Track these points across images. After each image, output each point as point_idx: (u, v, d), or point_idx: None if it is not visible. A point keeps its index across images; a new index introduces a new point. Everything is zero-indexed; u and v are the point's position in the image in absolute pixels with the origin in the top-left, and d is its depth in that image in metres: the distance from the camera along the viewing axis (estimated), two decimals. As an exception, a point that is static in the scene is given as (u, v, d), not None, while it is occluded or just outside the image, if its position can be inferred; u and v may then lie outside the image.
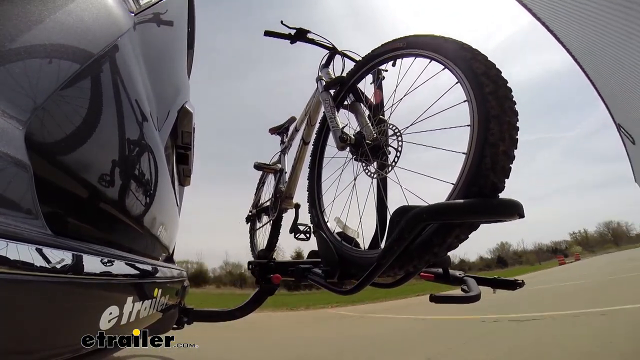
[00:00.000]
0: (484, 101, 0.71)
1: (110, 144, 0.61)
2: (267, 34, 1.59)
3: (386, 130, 1.06)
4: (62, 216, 0.52)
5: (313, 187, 1.41)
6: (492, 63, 0.76)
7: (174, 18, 1.04)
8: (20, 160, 0.36)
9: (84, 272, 0.43)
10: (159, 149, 0.89)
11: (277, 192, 1.86)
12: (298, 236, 1.73)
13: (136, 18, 0.70)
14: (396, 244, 0.74)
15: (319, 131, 1.48)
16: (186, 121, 1.31)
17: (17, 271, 0.31)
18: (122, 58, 0.62)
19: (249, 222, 2.40)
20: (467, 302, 0.94)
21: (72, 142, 0.49)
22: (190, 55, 1.56)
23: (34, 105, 0.40)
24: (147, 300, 0.70)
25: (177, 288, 1.14)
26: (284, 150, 2.10)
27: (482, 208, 0.66)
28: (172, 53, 1.10)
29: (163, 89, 0.99)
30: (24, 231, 0.34)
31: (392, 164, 1.02)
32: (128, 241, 0.79)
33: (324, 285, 1.12)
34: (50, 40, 0.44)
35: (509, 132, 0.68)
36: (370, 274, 0.83)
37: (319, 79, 1.45)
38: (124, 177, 0.68)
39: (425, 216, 0.68)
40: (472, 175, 0.69)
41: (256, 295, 1.68)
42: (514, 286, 1.19)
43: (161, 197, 0.95)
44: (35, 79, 0.41)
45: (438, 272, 1.31)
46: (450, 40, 0.86)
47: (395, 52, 1.06)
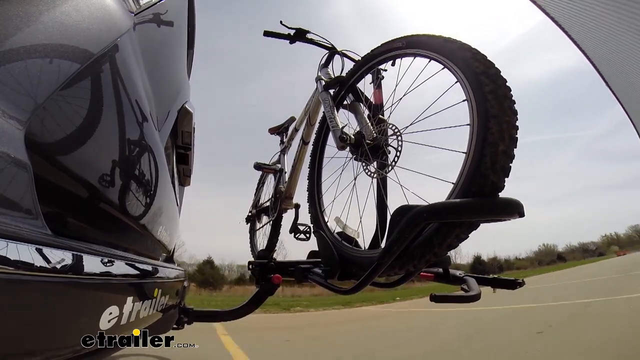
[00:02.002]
0: (483, 100, 0.71)
1: (110, 144, 0.61)
2: (267, 34, 1.59)
3: (386, 130, 1.06)
4: (62, 216, 0.52)
5: (313, 187, 1.41)
6: (491, 62, 0.76)
7: (174, 18, 1.04)
8: (20, 160, 0.36)
9: (84, 272, 0.43)
10: (159, 149, 0.89)
11: (277, 192, 1.86)
12: (298, 236, 1.73)
13: (136, 18, 0.70)
14: (396, 243, 0.74)
15: (319, 131, 1.48)
16: (186, 121, 1.31)
17: (17, 271, 0.31)
18: (122, 58, 0.62)
19: (249, 223, 2.40)
20: (468, 301, 0.94)
21: (72, 142, 0.49)
22: (190, 55, 1.56)
23: (34, 105, 0.40)
24: (147, 300, 0.69)
25: (177, 288, 1.13)
26: (284, 150, 2.10)
27: (482, 207, 0.66)
28: (172, 53, 1.10)
29: (163, 88, 0.99)
30: (24, 231, 0.34)
31: (392, 164, 1.02)
32: (128, 241, 0.79)
33: (324, 285, 1.12)
34: (50, 40, 0.44)
35: (508, 131, 0.68)
36: (370, 273, 0.83)
37: (319, 78, 1.45)
38: (124, 177, 0.68)
39: (425, 215, 0.68)
40: (472, 175, 0.69)
41: (256, 295, 1.68)
42: (514, 285, 1.19)
43: (161, 197, 0.95)
44: (35, 79, 0.41)
45: (438, 271, 1.31)
46: (449, 40, 0.86)
47: (394, 52, 1.06)
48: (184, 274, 1.29)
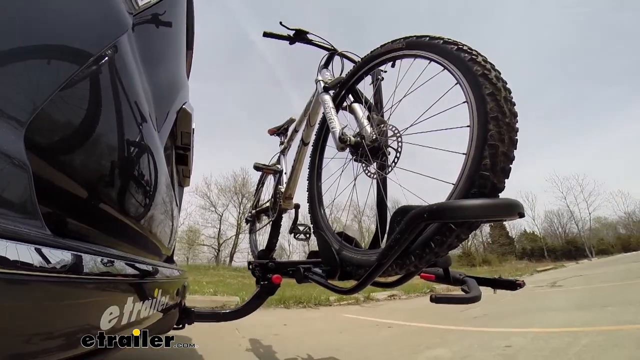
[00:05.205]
0: (483, 102, 0.71)
1: (109, 144, 0.61)
2: (266, 35, 1.59)
3: (386, 131, 1.06)
4: (61, 216, 0.52)
5: (313, 188, 1.41)
6: (492, 64, 0.76)
7: (173, 19, 1.04)
8: (20, 161, 0.36)
9: (84, 272, 0.43)
10: (158, 150, 0.89)
11: (277, 193, 1.86)
12: (298, 236, 1.73)
13: (135, 19, 0.70)
14: (397, 243, 0.74)
15: (319, 132, 1.48)
16: (185, 122, 1.31)
17: (16, 271, 0.31)
18: (121, 58, 0.62)
19: (249, 223, 2.40)
20: (468, 302, 0.94)
21: (71, 142, 0.49)
22: (190, 55, 1.56)
23: (34, 105, 0.40)
24: (147, 301, 0.69)
25: (178, 288, 1.13)
26: (284, 151, 2.10)
27: (482, 208, 0.66)
28: (171, 53, 1.10)
29: (162, 89, 0.99)
30: (23, 231, 0.34)
31: (392, 165, 1.02)
32: (128, 241, 0.79)
33: (325, 285, 1.12)
34: (50, 41, 0.44)
35: (508, 133, 0.68)
36: (370, 273, 0.83)
37: (318, 80, 1.45)
38: (124, 178, 0.68)
39: (425, 216, 0.68)
40: (472, 176, 0.70)
41: (256, 295, 1.68)
42: (514, 286, 1.19)
43: (161, 197, 0.95)
44: (35, 79, 0.41)
45: (438, 272, 1.30)
46: (449, 42, 0.86)
47: (394, 53, 1.06)
48: (184, 274, 1.29)
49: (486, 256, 28.29)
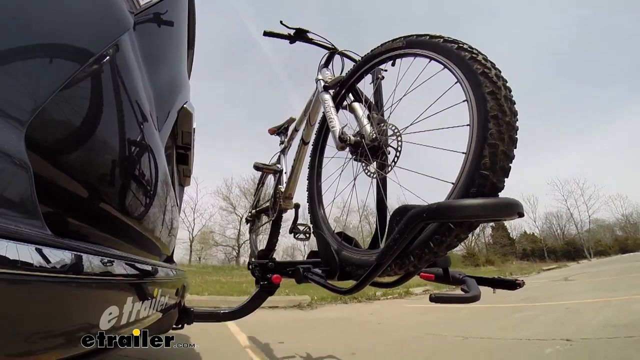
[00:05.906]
0: (483, 101, 0.71)
1: (110, 144, 0.61)
2: (266, 34, 1.59)
3: (386, 130, 1.06)
4: (61, 216, 0.52)
5: (313, 187, 1.41)
6: (492, 62, 0.76)
7: (174, 18, 1.04)
8: (20, 160, 0.36)
9: (84, 272, 0.43)
10: (159, 149, 0.89)
11: (277, 193, 1.86)
12: (298, 236, 1.73)
13: (136, 18, 0.70)
14: (396, 243, 0.74)
15: (319, 131, 1.48)
16: (186, 121, 1.31)
17: (17, 271, 0.31)
18: (122, 58, 0.62)
19: (249, 223, 2.40)
20: (467, 302, 0.94)
21: (72, 142, 0.49)
22: (191, 55, 1.56)
23: (34, 105, 0.40)
24: (147, 300, 0.69)
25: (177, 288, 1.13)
26: (284, 150, 2.10)
27: (482, 207, 0.66)
28: (172, 53, 1.10)
29: (163, 89, 0.99)
30: (24, 231, 0.34)
31: (391, 164, 1.02)
32: (128, 241, 0.79)
33: (324, 285, 1.12)
34: (50, 40, 0.44)
35: (508, 132, 0.68)
36: (370, 273, 0.83)
37: (318, 79, 1.45)
38: (124, 177, 0.68)
39: (425, 216, 0.68)
40: (472, 175, 0.70)
41: (256, 295, 1.68)
42: (514, 286, 1.19)
43: (161, 197, 0.95)
44: (35, 79, 0.41)
45: (438, 272, 1.30)
46: (449, 40, 0.86)
47: (394, 52, 1.06)
48: (183, 274, 1.29)
49: (489, 256, 28.37)
